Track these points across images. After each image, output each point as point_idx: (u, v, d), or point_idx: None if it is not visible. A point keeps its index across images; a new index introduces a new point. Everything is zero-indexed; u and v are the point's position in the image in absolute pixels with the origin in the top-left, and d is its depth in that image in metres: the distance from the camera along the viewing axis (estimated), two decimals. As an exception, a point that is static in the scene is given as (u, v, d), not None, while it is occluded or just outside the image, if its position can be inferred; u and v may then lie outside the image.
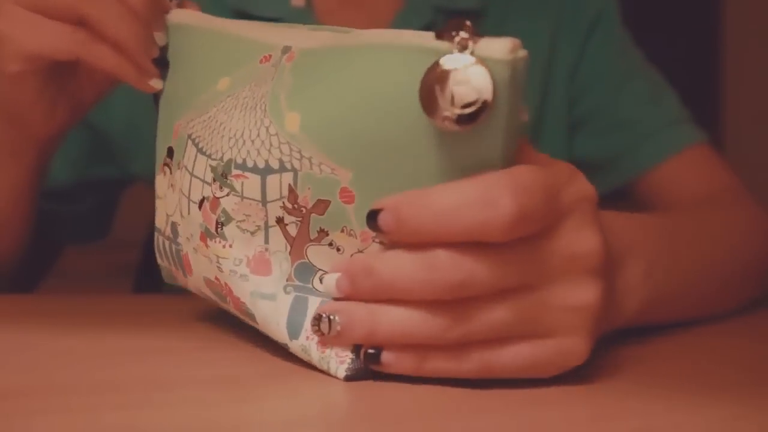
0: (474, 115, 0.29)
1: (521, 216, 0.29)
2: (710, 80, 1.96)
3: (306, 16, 0.63)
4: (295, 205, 0.33)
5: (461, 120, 0.29)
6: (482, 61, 0.29)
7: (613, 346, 0.39)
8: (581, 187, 0.32)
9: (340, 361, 0.32)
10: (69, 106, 0.48)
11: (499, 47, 0.29)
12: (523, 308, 0.30)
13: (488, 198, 0.29)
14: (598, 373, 0.34)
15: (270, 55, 0.35)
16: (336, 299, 0.32)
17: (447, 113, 0.29)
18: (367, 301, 0.31)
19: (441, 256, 0.29)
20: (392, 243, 0.31)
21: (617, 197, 0.64)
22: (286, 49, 0.34)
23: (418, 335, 0.30)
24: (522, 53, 0.29)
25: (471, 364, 0.31)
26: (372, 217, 0.30)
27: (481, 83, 0.28)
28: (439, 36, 0.29)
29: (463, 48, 0.29)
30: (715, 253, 0.48)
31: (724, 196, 0.63)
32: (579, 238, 0.31)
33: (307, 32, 0.35)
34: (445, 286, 0.29)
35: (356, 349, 0.32)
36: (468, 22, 0.29)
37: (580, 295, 0.31)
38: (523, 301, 0.30)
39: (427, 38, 0.30)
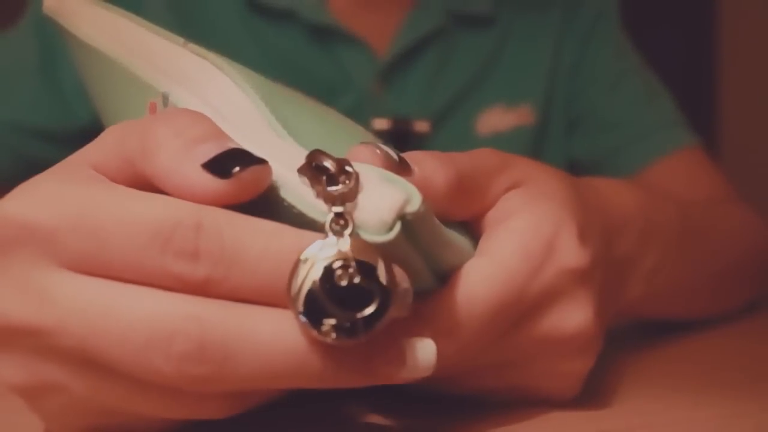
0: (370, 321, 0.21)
1: (458, 351, 0.25)
2: (707, 80, 1.97)
3: (319, 9, 0.64)
4: None
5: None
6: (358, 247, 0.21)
7: (614, 346, 0.39)
8: (561, 261, 0.28)
9: None
10: None
11: (380, 212, 0.21)
12: (503, 379, 0.29)
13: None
14: (599, 372, 0.34)
15: (155, 104, 0.30)
16: None
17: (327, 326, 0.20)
18: None
19: None
20: None
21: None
22: (165, 99, 0.30)
23: None
24: (415, 203, 0.22)
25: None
26: None
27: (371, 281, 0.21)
28: (301, 172, 0.22)
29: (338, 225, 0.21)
30: (716, 249, 0.47)
31: (716, 200, 0.62)
32: (562, 321, 0.28)
33: (192, 60, 0.29)
34: None
35: None
36: (332, 164, 0.21)
37: (568, 368, 0.29)
38: (501, 374, 0.29)
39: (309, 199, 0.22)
